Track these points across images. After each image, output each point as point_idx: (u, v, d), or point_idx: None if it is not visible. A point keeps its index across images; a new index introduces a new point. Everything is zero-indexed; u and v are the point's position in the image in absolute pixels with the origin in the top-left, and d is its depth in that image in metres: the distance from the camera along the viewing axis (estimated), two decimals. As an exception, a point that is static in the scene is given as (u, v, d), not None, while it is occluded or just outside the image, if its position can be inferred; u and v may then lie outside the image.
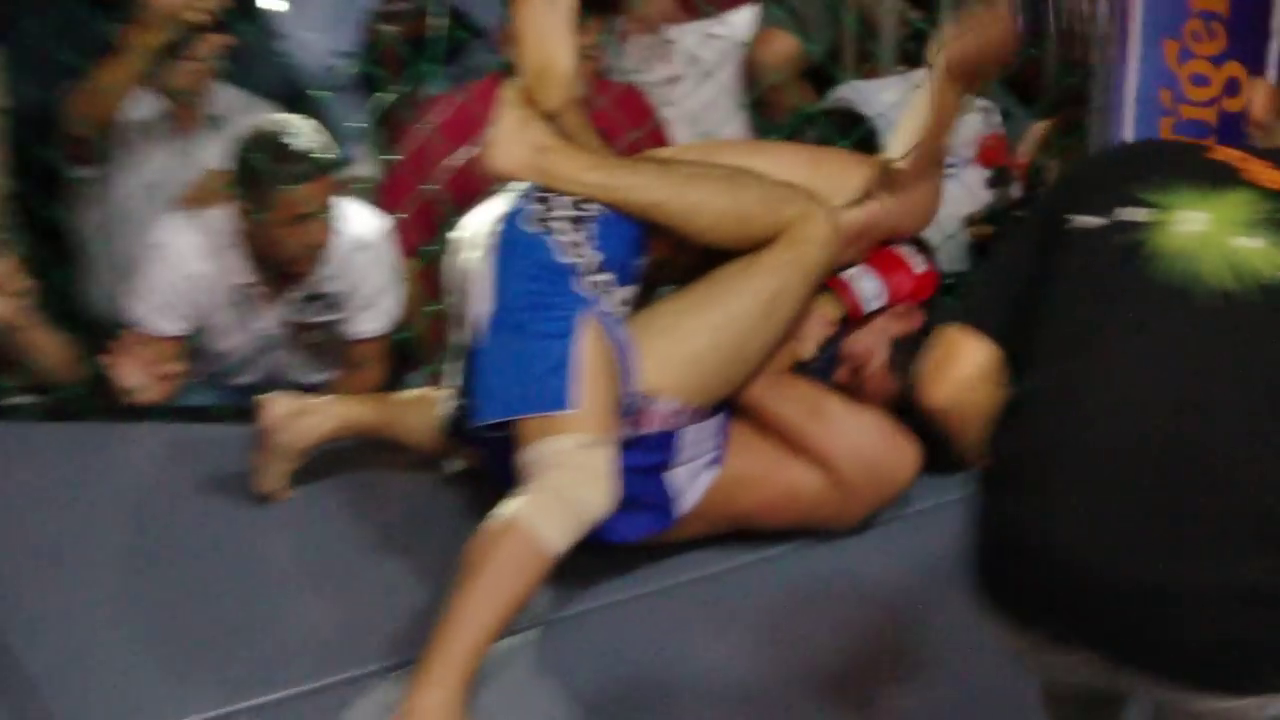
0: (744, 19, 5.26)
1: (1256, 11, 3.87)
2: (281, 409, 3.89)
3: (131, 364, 4.29)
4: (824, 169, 3.87)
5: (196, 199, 4.54)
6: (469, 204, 3.87)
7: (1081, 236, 2.65)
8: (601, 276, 3.53)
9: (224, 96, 4.89)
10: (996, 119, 4.93)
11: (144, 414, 4.31)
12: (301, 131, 4.30)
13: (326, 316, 4.52)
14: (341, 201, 4.44)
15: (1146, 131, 4.04)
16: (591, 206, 3.61)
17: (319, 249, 4.38)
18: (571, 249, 3.54)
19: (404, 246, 4.61)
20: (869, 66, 5.27)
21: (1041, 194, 2.81)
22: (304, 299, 4.48)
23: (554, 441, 3.34)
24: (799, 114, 4.77)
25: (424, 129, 4.67)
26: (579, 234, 3.56)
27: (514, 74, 3.70)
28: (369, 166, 5.16)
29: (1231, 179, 2.62)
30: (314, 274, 4.43)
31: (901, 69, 5.14)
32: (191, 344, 4.53)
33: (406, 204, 4.61)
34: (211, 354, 4.58)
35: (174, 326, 4.45)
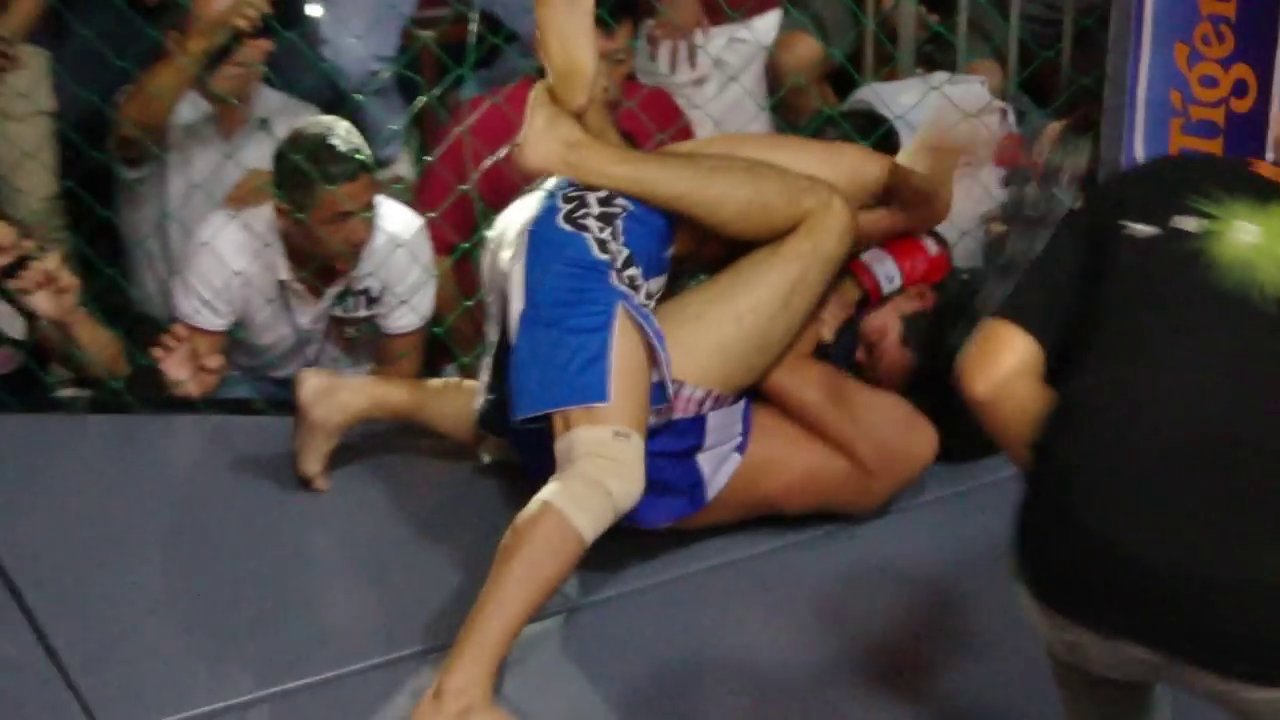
0: (767, 24, 5.25)
1: (1264, 15, 3.87)
2: (317, 384, 3.92)
3: (177, 358, 4.30)
4: (842, 164, 3.85)
5: (241, 198, 4.55)
6: (502, 203, 3.87)
7: (1137, 243, 2.63)
8: (631, 271, 3.53)
9: (268, 99, 4.91)
10: (1012, 119, 4.88)
11: (188, 406, 4.32)
12: (342, 133, 4.28)
13: (364, 312, 4.52)
14: (380, 201, 4.42)
15: (1157, 131, 4.05)
16: (618, 204, 3.60)
17: (359, 247, 4.36)
18: (602, 246, 3.53)
19: (439, 244, 4.60)
20: (888, 69, 5.24)
21: (1088, 197, 2.76)
22: (343, 295, 4.48)
23: (588, 431, 3.34)
24: (820, 115, 4.74)
25: (459, 131, 4.66)
26: (608, 231, 3.55)
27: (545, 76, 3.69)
28: (406, 167, 5.22)
29: (1276, 194, 2.61)
30: (353, 271, 4.42)
31: (920, 71, 5.10)
32: (234, 338, 4.54)
33: (442, 203, 4.60)
34: (253, 348, 4.60)
35: (218, 321, 4.46)
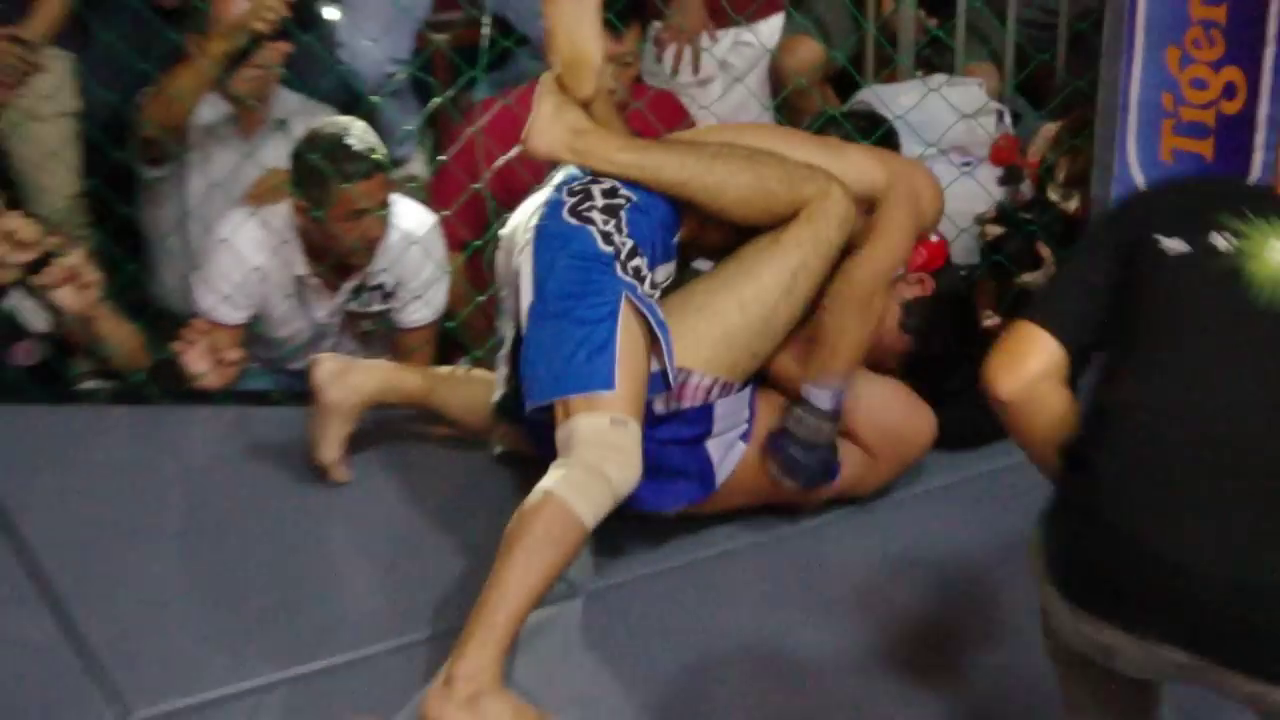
0: (771, 27, 5.24)
1: (1253, 20, 3.86)
2: (331, 367, 3.93)
3: (197, 351, 4.29)
4: (847, 162, 3.84)
5: (259, 196, 4.55)
6: (514, 201, 3.86)
7: (1169, 259, 2.61)
8: (635, 261, 3.52)
9: (286, 101, 4.91)
10: (1008, 120, 4.87)
11: (207, 398, 4.32)
12: (358, 133, 4.28)
13: (379, 306, 4.52)
14: (395, 199, 4.43)
15: (1149, 132, 4.06)
16: (622, 196, 3.59)
17: (374, 243, 4.37)
18: (606, 238, 3.52)
19: (452, 241, 4.60)
20: (888, 72, 5.23)
21: (1116, 210, 2.72)
22: (358, 289, 4.48)
23: (587, 419, 3.33)
24: (822, 116, 4.71)
25: (472, 131, 4.65)
26: (612, 223, 3.54)
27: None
28: (420, 166, 5.22)
29: None
30: (368, 266, 4.43)
31: (919, 74, 5.09)
32: (253, 332, 4.55)
33: (455, 201, 4.59)
34: (271, 341, 4.61)
35: (237, 315, 4.47)
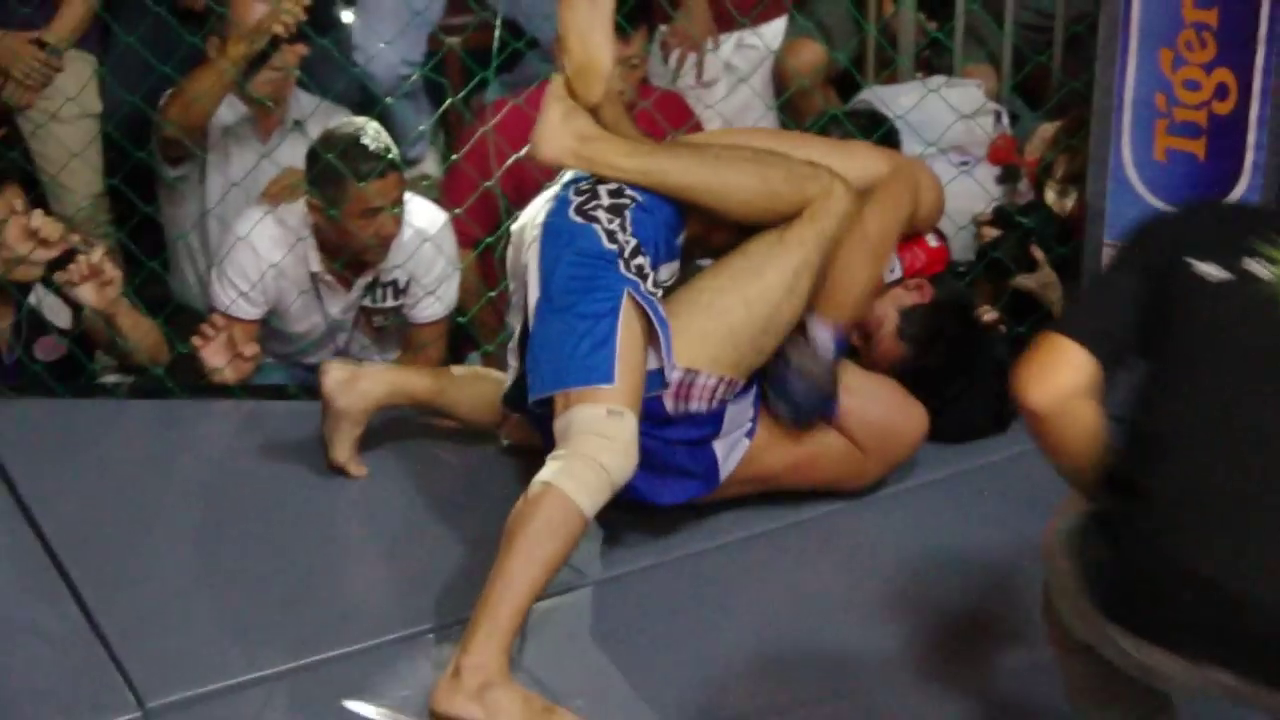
0: (774, 29, 5.24)
1: (1244, 22, 3.86)
2: (339, 375, 3.89)
3: (215, 346, 4.31)
4: (853, 159, 3.83)
5: (276, 195, 4.55)
6: (524, 200, 3.86)
7: (1208, 285, 2.58)
8: (639, 260, 3.51)
9: (302, 102, 4.91)
10: (1006, 120, 4.85)
11: (225, 391, 4.33)
12: (372, 133, 4.29)
13: (392, 302, 4.53)
14: (408, 197, 4.43)
15: (1143, 132, 4.05)
16: (627, 196, 3.58)
17: (387, 240, 4.37)
18: (610, 236, 3.51)
19: (464, 238, 4.62)
20: (889, 73, 5.22)
21: (1144, 230, 2.67)
22: (372, 286, 4.49)
23: (584, 410, 3.33)
24: (824, 116, 4.70)
25: (483, 131, 4.65)
26: (617, 222, 3.53)
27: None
28: (433, 165, 5.23)
29: None
30: (382, 263, 4.43)
31: (919, 75, 5.08)
32: (269, 327, 4.55)
33: (467, 200, 4.59)
34: (287, 336, 4.61)
35: (253, 311, 4.47)
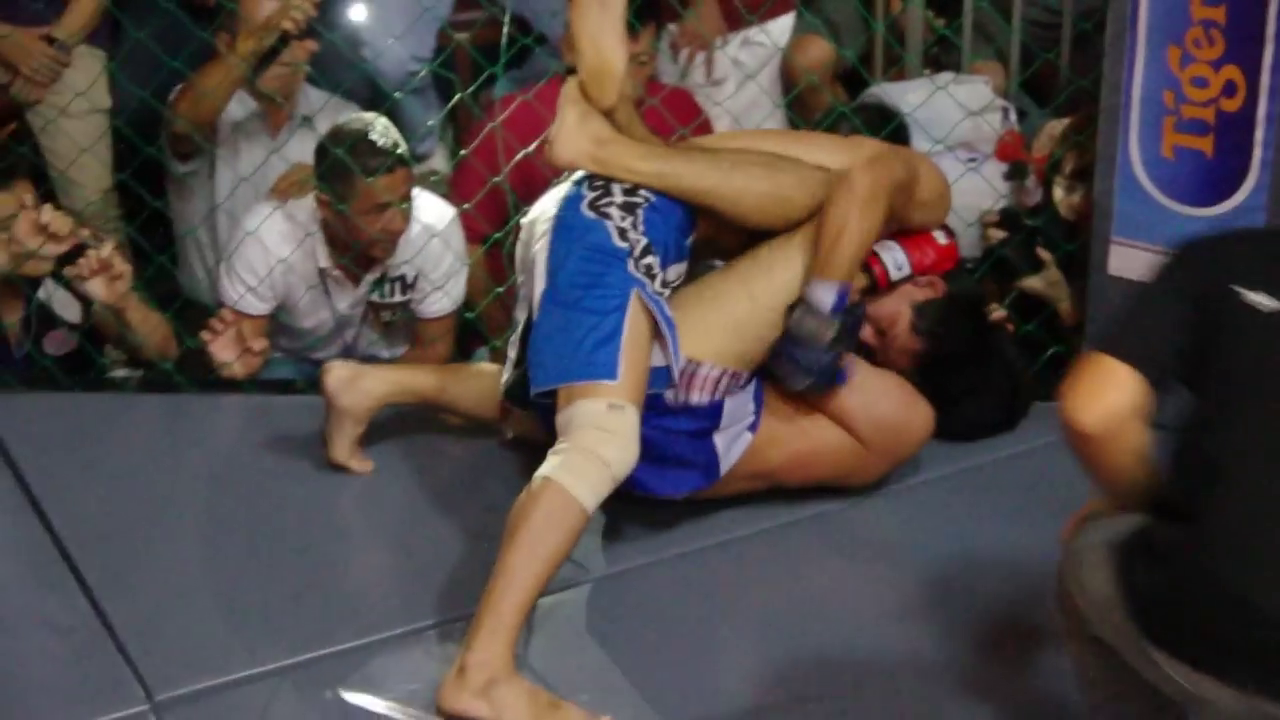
0: (782, 26, 5.19)
1: (1252, 20, 3.81)
2: (342, 374, 3.88)
3: (223, 340, 4.27)
4: (859, 152, 3.76)
5: (285, 190, 4.52)
6: (533, 195, 3.84)
7: (1259, 315, 2.53)
8: (648, 259, 3.48)
9: (311, 98, 4.86)
10: (1013, 117, 4.79)
11: (233, 386, 4.30)
12: (381, 129, 4.24)
13: (400, 297, 4.49)
14: (416, 192, 4.38)
15: (1151, 129, 4.01)
16: (640, 195, 3.56)
17: (396, 236, 4.33)
18: (622, 234, 3.48)
19: (472, 234, 4.58)
20: (897, 70, 5.17)
21: (1188, 254, 2.59)
22: (380, 281, 4.45)
23: (585, 405, 3.31)
24: (832, 112, 4.62)
25: (492, 127, 4.59)
26: (629, 220, 3.51)
27: (574, 75, 3.67)
28: (442, 161, 5.21)
29: None
30: (390, 258, 4.39)
31: (927, 72, 5.02)
32: (277, 322, 4.52)
33: (475, 195, 4.55)
34: (295, 331, 4.58)
35: (262, 306, 4.44)
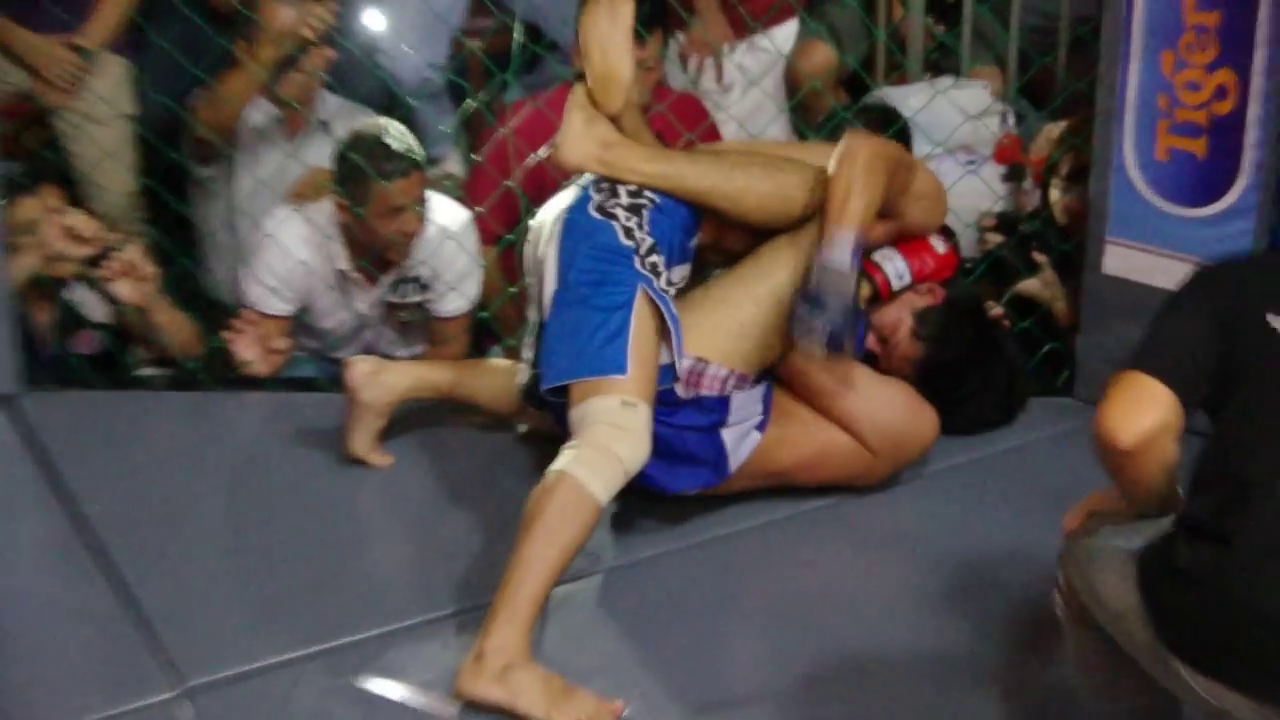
0: (786, 33, 5.20)
1: (1244, 26, 3.83)
2: (364, 368, 3.92)
3: (246, 340, 4.29)
4: None
5: (303, 194, 4.54)
6: (544, 198, 3.86)
7: None
8: (654, 258, 3.52)
9: (329, 103, 4.89)
10: (1011, 120, 4.81)
11: (256, 384, 4.33)
12: (397, 134, 4.27)
13: (417, 297, 4.50)
14: (431, 196, 4.40)
15: (1145, 132, 4.04)
16: (646, 197, 3.60)
17: (411, 238, 4.34)
18: (628, 233, 3.52)
19: (485, 235, 4.60)
20: (898, 75, 5.18)
21: (1217, 274, 2.59)
22: (397, 282, 4.46)
23: (599, 401, 3.33)
24: (835, 116, 4.64)
25: (504, 132, 4.64)
26: (634, 220, 3.54)
27: (582, 81, 3.70)
28: (456, 165, 5.22)
29: None
30: (406, 260, 4.41)
31: (928, 76, 5.04)
32: (298, 322, 4.53)
33: (488, 198, 4.58)
34: (316, 331, 4.60)
35: (283, 307, 4.45)
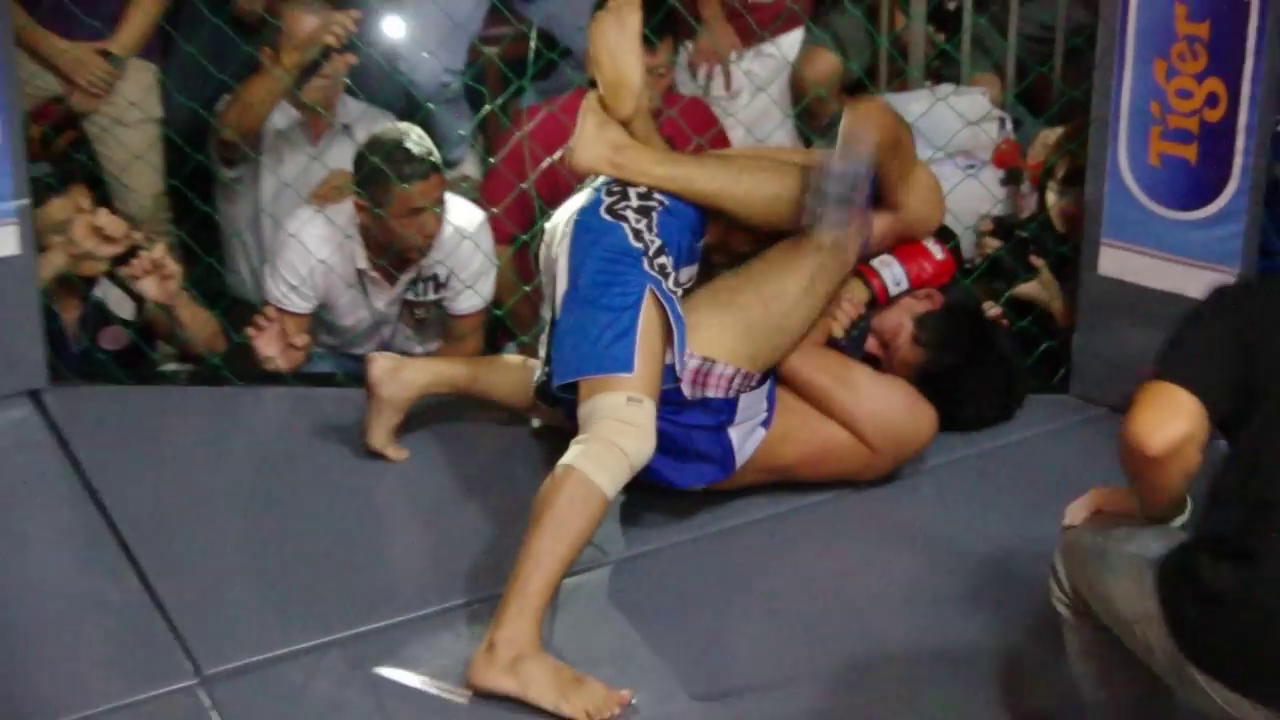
0: (791, 40, 5.25)
1: (1234, 36, 3.87)
2: (385, 365, 3.95)
3: (268, 336, 4.35)
4: None
5: (325, 195, 4.59)
6: (558, 200, 3.91)
7: None
8: (662, 259, 3.55)
9: (350, 108, 4.94)
10: (1009, 126, 4.83)
11: (277, 379, 4.37)
12: (415, 138, 4.31)
13: (433, 296, 4.54)
14: (449, 197, 4.44)
15: (1138, 138, 4.07)
16: (655, 200, 3.62)
17: (430, 239, 4.37)
18: (637, 235, 3.55)
19: (501, 236, 4.65)
20: (900, 81, 5.21)
21: (1235, 296, 2.61)
22: (414, 281, 4.50)
23: (606, 397, 3.36)
24: (839, 121, 4.66)
25: (519, 136, 4.69)
26: (644, 222, 3.57)
27: (595, 87, 3.75)
28: (473, 167, 5.26)
29: None
30: (424, 259, 4.44)
31: (929, 84, 5.07)
32: (319, 319, 4.58)
33: (504, 200, 4.63)
34: (335, 328, 4.64)
35: (304, 304, 4.49)
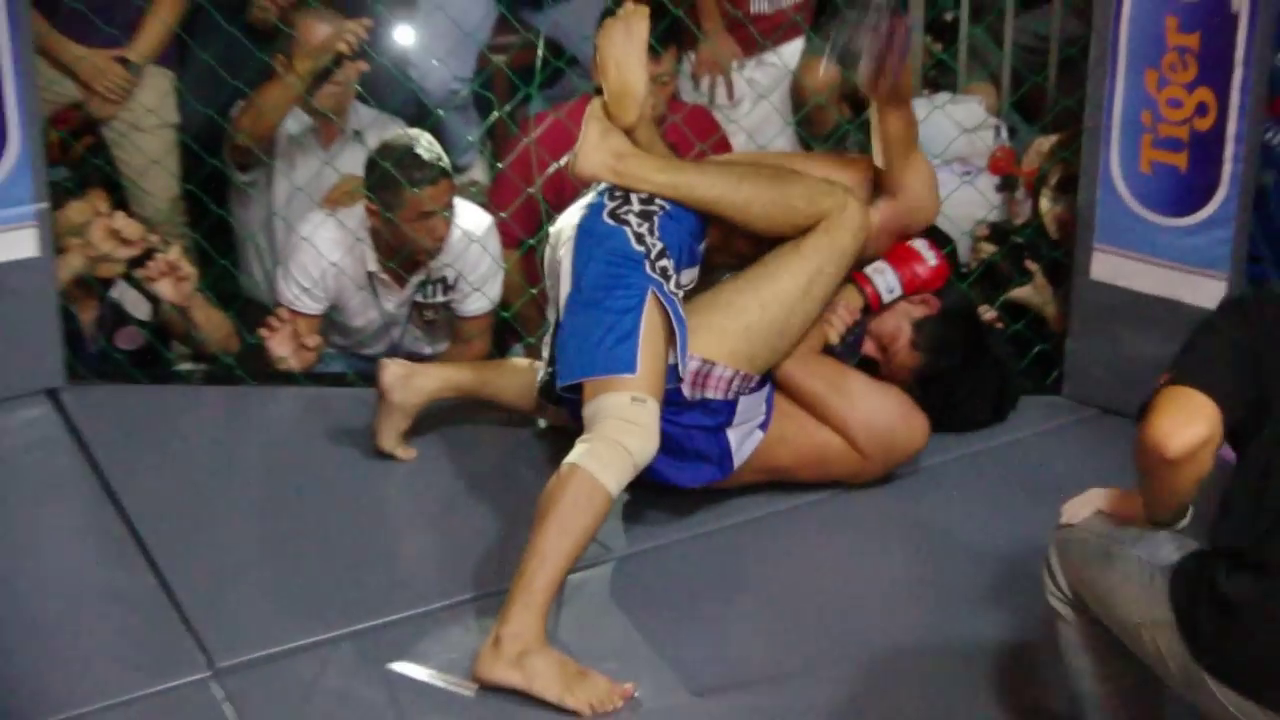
0: (792, 50, 5.23)
1: (1223, 46, 3.89)
2: (396, 370, 3.96)
3: (280, 337, 4.37)
4: (857, 171, 3.86)
5: (336, 199, 4.61)
6: (564, 205, 3.93)
7: None
8: (664, 262, 3.56)
9: (361, 114, 4.96)
10: (1004, 134, 4.85)
11: (290, 379, 4.38)
12: (425, 143, 4.32)
13: (442, 298, 4.55)
14: (457, 201, 4.44)
15: (1130, 146, 4.09)
16: (656, 204, 3.65)
17: (439, 242, 4.38)
18: (639, 239, 3.57)
19: (508, 240, 4.65)
20: (897, 89, 5.16)
21: (1246, 307, 2.60)
22: (424, 283, 4.52)
23: (610, 397, 3.38)
24: (838, 129, 4.67)
25: (527, 142, 4.69)
26: (645, 226, 3.59)
27: (600, 95, 3.77)
28: (481, 172, 5.28)
29: None
30: (433, 262, 4.46)
31: (926, 92, 5.08)
32: (330, 320, 4.59)
33: (511, 204, 4.63)
34: (346, 329, 4.66)
35: (316, 306, 4.51)
